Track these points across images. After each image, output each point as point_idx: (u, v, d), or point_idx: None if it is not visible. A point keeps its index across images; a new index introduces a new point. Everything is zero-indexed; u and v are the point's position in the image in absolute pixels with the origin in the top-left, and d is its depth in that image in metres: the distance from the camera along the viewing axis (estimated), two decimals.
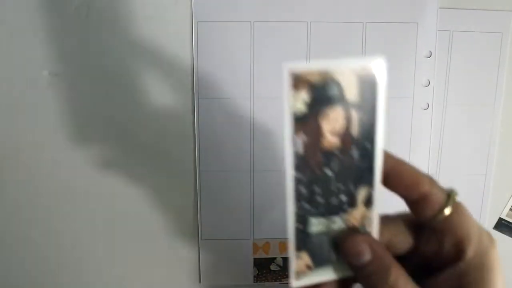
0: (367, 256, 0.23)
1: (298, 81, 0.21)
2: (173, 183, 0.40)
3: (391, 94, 0.39)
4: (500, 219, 0.42)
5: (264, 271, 0.41)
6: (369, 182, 0.24)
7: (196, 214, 0.40)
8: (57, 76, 0.38)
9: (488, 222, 0.42)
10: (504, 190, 0.42)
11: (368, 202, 0.24)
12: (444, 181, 0.24)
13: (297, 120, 0.22)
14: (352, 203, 0.24)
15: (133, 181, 0.40)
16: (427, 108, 0.40)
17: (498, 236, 0.42)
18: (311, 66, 0.21)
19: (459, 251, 0.23)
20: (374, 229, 0.24)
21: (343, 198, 0.24)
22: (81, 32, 0.38)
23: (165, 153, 0.40)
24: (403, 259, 0.25)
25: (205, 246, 0.41)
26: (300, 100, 0.22)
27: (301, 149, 0.22)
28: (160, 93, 0.39)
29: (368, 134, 0.23)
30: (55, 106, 0.38)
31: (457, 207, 0.24)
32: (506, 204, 0.42)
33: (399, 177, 0.24)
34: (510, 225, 0.42)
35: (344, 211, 0.24)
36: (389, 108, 0.39)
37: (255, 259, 0.41)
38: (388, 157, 0.24)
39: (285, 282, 0.42)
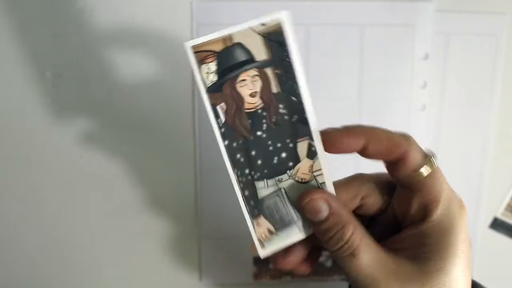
0: (324, 212, 0.23)
1: (203, 54, 0.22)
2: (173, 182, 0.40)
3: (388, 95, 0.40)
4: (495, 219, 0.43)
5: (264, 269, 0.42)
6: (307, 134, 0.23)
7: (196, 213, 0.41)
8: (59, 77, 0.39)
9: (483, 222, 0.43)
10: (499, 190, 0.42)
11: (312, 154, 0.24)
12: None
13: (213, 91, 0.22)
14: (294, 158, 0.24)
15: (133, 180, 0.40)
16: (423, 110, 0.40)
17: (493, 235, 0.43)
18: (211, 37, 0.22)
19: (425, 212, 0.24)
20: (326, 180, 0.24)
21: (283, 155, 0.24)
22: (83, 33, 0.38)
23: (165, 153, 0.40)
24: (373, 218, 0.26)
25: (206, 244, 0.41)
26: (211, 72, 0.22)
27: (223, 118, 0.23)
28: (160, 94, 0.39)
29: (291, 87, 0.23)
30: (57, 108, 0.39)
31: (432, 171, 0.24)
32: (501, 204, 0.43)
33: (377, 147, 0.24)
34: (505, 224, 0.43)
35: (290, 168, 0.24)
36: (386, 109, 0.40)
37: (254, 258, 0.41)
38: (360, 129, 0.24)
39: (284, 280, 0.42)
